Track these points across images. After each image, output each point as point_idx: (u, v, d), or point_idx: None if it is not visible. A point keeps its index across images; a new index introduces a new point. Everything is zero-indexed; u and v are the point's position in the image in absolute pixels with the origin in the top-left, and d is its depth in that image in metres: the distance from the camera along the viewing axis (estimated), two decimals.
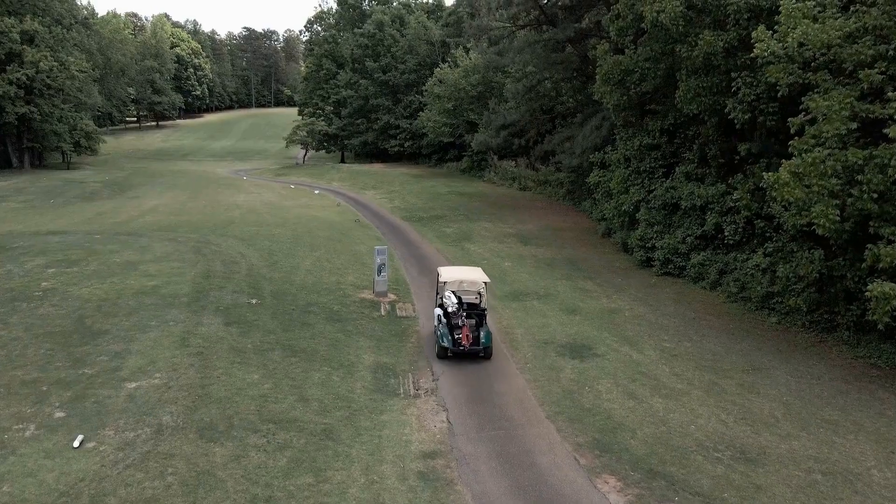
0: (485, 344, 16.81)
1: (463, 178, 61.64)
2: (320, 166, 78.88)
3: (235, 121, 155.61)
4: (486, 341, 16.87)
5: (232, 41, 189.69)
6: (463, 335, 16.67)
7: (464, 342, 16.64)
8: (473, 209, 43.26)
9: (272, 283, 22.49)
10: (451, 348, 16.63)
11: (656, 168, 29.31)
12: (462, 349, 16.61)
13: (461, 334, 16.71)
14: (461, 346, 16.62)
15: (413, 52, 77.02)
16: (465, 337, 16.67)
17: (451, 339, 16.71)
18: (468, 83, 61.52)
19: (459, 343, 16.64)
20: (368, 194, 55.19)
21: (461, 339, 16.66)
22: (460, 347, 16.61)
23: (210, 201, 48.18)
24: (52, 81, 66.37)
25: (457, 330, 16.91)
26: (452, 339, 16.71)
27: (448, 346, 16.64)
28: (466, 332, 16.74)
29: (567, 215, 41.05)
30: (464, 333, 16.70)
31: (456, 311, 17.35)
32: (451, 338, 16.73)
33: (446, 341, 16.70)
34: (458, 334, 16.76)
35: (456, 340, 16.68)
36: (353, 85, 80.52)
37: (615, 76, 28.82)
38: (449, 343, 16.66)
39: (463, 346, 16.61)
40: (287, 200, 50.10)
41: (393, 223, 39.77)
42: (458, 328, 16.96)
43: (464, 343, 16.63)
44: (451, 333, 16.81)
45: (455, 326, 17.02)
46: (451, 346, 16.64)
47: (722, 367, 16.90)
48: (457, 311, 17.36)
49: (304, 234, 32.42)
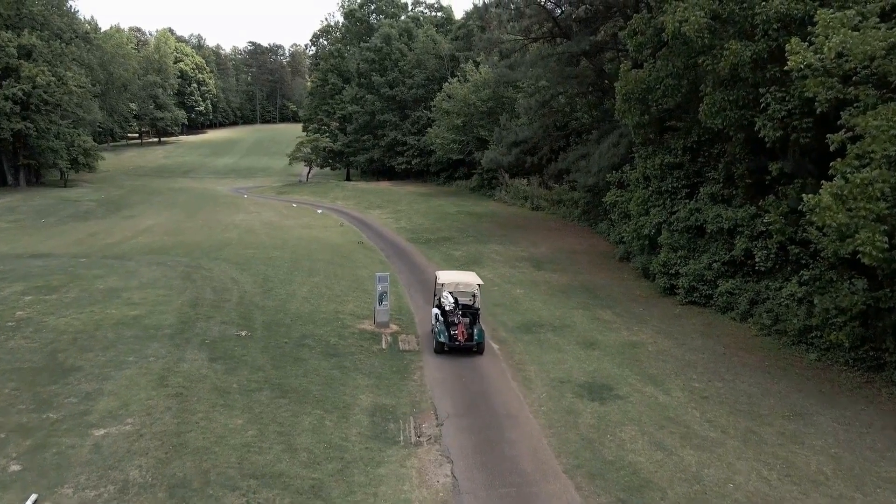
0: (478, 340, 19.00)
1: (473, 197, 60.70)
2: (324, 184, 78.30)
3: (239, 137, 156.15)
4: (479, 338, 19.08)
5: (237, 56, 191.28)
6: (459, 331, 18.88)
7: (459, 338, 18.83)
8: (483, 230, 42.21)
9: (265, 312, 21.42)
10: (448, 343, 18.81)
11: (679, 188, 28.20)
12: (458, 344, 18.82)
13: (457, 331, 18.92)
14: (457, 341, 18.83)
15: (421, 67, 76.61)
16: (461, 333, 18.85)
17: (448, 335, 18.92)
18: (478, 98, 60.84)
19: (456, 338, 18.85)
20: (373, 214, 54.33)
21: (457, 334, 18.87)
22: (456, 342, 18.82)
23: (207, 221, 47.44)
24: (49, 97, 66.33)
25: (453, 327, 19.09)
26: (449, 335, 18.92)
27: (445, 341, 18.83)
28: (462, 328, 18.95)
29: (582, 237, 39.90)
30: (459, 330, 18.91)
31: (453, 310, 19.60)
32: (448, 334, 18.95)
33: (443, 337, 18.90)
34: (455, 331, 18.96)
35: (452, 336, 18.88)
36: (358, 100, 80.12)
37: (636, 94, 27.86)
38: (446, 339, 18.86)
39: (458, 342, 18.82)
40: (288, 220, 49.28)
41: (398, 245, 38.76)
42: (454, 325, 19.14)
43: (459, 339, 18.83)
44: (448, 330, 19.03)
45: (452, 324, 19.22)
46: (447, 341, 18.83)
47: (759, 412, 15.61)
48: (453, 310, 19.61)
49: (302, 258, 31.42)
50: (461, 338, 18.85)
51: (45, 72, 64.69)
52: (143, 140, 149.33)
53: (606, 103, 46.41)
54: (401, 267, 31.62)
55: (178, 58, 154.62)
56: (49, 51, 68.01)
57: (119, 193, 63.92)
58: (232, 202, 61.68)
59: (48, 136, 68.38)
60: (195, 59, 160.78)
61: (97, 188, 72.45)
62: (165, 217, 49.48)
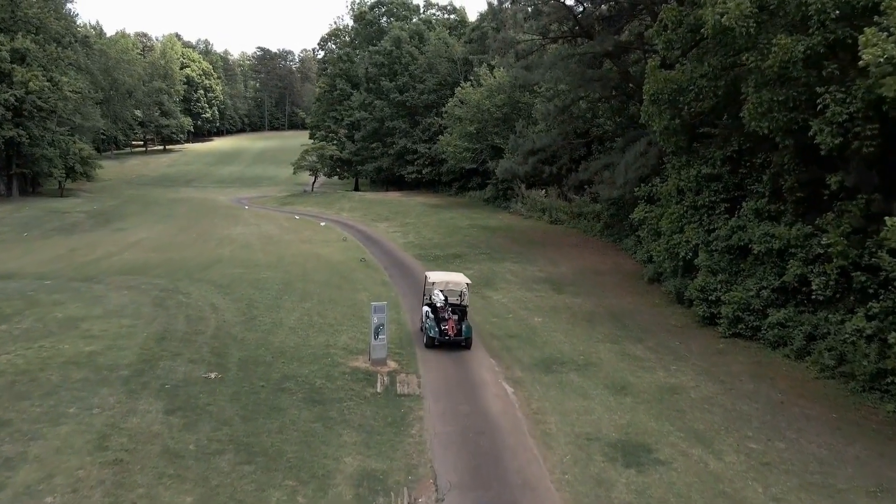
0: (466, 335, 20.42)
1: (486, 209, 58.24)
2: (330, 194, 76.21)
3: (246, 145, 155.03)
4: (467, 333, 20.53)
5: (245, 61, 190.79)
6: (449, 326, 20.20)
7: (450, 332, 20.14)
8: (497, 246, 39.71)
9: (243, 347, 19.02)
10: (438, 338, 20.14)
11: (717, 203, 25.59)
12: (447, 339, 20.14)
13: (447, 326, 20.23)
14: (447, 335, 20.14)
15: (433, 71, 74.48)
16: (451, 328, 20.17)
17: (438, 330, 20.22)
18: (492, 104, 58.52)
19: (445, 333, 20.15)
20: (380, 227, 52.05)
21: (447, 329, 20.16)
22: (446, 337, 20.14)
23: (202, 234, 45.39)
24: (43, 103, 64.87)
25: (443, 322, 20.37)
26: (440, 330, 20.21)
27: (435, 336, 20.17)
28: (451, 324, 20.28)
29: (606, 254, 37.28)
30: (450, 325, 20.24)
31: (443, 306, 20.85)
32: (438, 329, 20.26)
33: (434, 332, 20.22)
34: (445, 326, 20.25)
35: (443, 331, 20.18)
36: (367, 106, 78.09)
37: (666, 95, 25.41)
38: (436, 334, 20.18)
39: (448, 336, 20.14)
40: (288, 234, 47.10)
41: (404, 263, 36.35)
42: (444, 321, 20.42)
43: (449, 333, 20.13)
44: (438, 325, 20.35)
45: (442, 319, 20.49)
46: (437, 336, 20.15)
47: (836, 485, 12.92)
48: (444, 306, 20.87)
49: (296, 279, 29.08)
50: (451, 332, 20.17)
51: (39, 77, 63.26)
52: (147, 148, 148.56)
53: (631, 108, 43.87)
54: (405, 289, 29.18)
55: (184, 63, 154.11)
56: (44, 55, 66.67)
57: (113, 204, 62.15)
58: (231, 214, 59.68)
59: (42, 143, 66.91)
60: (202, 65, 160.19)
61: (93, 198, 70.84)
62: (158, 230, 47.47)
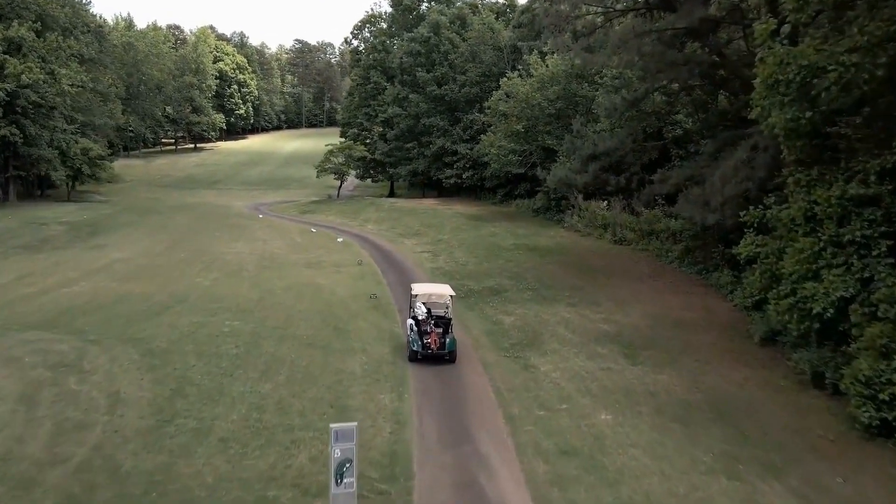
0: (449, 348, 20.29)
1: (535, 223, 50.57)
2: (357, 201, 69.45)
3: (280, 143, 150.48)
4: (451, 346, 20.36)
5: (283, 55, 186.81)
6: (431, 339, 20.12)
7: (432, 346, 20.04)
8: (548, 277, 32.14)
9: (122, 497, 12.03)
10: (421, 351, 20.01)
11: (875, 239, 17.68)
12: (430, 352, 20.02)
13: (430, 339, 20.13)
14: (429, 349, 20.02)
15: (476, 60, 67.02)
16: (434, 341, 20.09)
17: (420, 344, 20.11)
18: (544, 97, 50.90)
19: (428, 346, 20.03)
20: (407, 244, 45.02)
21: (430, 343, 20.06)
22: (428, 351, 20.01)
23: (192, 253, 39.11)
24: (39, 98, 59.95)
25: (426, 336, 20.31)
26: (422, 344, 20.10)
27: (418, 349, 20.04)
28: (434, 337, 20.19)
29: (690, 293, 29.30)
30: (432, 338, 20.15)
31: (425, 319, 21.07)
32: (420, 342, 20.14)
33: (417, 346, 20.12)
34: (427, 339, 20.16)
35: (425, 345, 20.07)
36: (401, 101, 71.08)
37: (791, 79, 17.80)
38: (419, 347, 20.07)
39: (431, 350, 20.02)
40: (294, 253, 40.47)
41: None
42: (427, 334, 20.38)
43: (432, 346, 20.03)
44: (421, 339, 20.23)
45: (424, 332, 20.48)
46: (420, 349, 20.03)
47: None
48: (426, 319, 21.08)
49: (271, 333, 22.14)
50: (433, 346, 19.95)
51: (34, 69, 58.24)
52: (177, 146, 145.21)
53: (721, 102, 35.90)
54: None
55: (217, 57, 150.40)
56: (43, 45, 61.80)
57: (108, 213, 56.70)
58: (239, 225, 53.50)
59: (39, 143, 61.99)
60: (236, 59, 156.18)
61: (95, 204, 65.86)
62: (142, 247, 41.43)
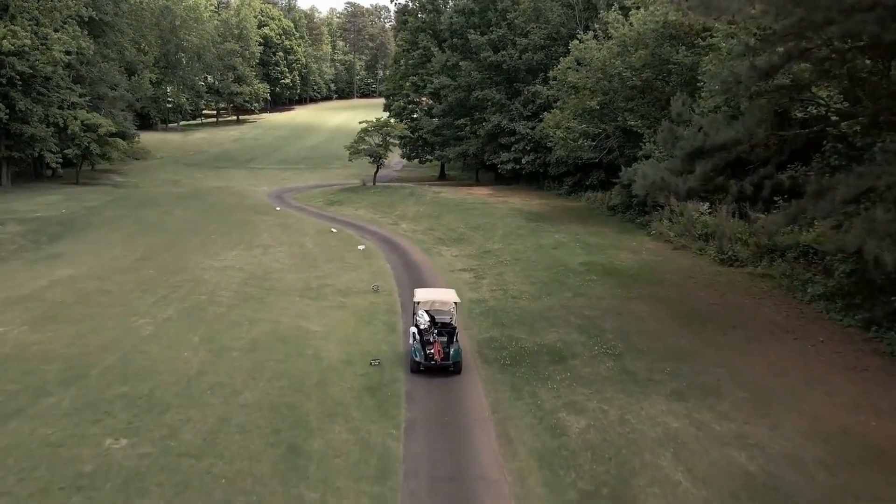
0: (454, 359, 19.68)
1: (611, 226, 40.55)
2: (395, 191, 60.10)
3: (328, 116, 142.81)
4: (456, 356, 19.76)
5: (334, 19, 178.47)
6: (435, 350, 19.60)
7: (435, 357, 19.54)
8: (635, 328, 22.48)
9: None
10: (424, 362, 19.58)
11: None
12: (433, 363, 19.56)
13: (433, 349, 19.62)
14: (433, 360, 19.56)
15: (540, 20, 56.58)
16: (437, 352, 19.57)
17: (423, 354, 19.64)
18: (625, 65, 40.54)
19: (431, 357, 19.56)
20: (446, 256, 35.93)
21: (433, 353, 19.57)
22: (431, 361, 19.55)
23: (163, 269, 31.00)
24: (28, 68, 52.95)
25: (428, 346, 19.80)
26: (425, 354, 19.63)
27: (420, 360, 19.61)
28: (438, 347, 19.65)
29: (862, 364, 19.14)
30: (436, 349, 19.62)
31: (428, 329, 20.52)
32: (423, 353, 19.66)
33: (419, 356, 19.67)
34: (430, 349, 19.65)
35: (428, 355, 19.61)
36: (450, 69, 61.39)
37: None
38: (421, 357, 19.62)
39: (434, 361, 19.55)
40: (295, 270, 31.91)
41: (465, 368, 20.08)
42: (429, 344, 19.85)
43: (435, 357, 19.54)
44: (424, 349, 19.74)
45: (427, 342, 19.94)
46: (423, 360, 19.58)
47: None
48: (428, 329, 20.53)
49: (167, 467, 13.38)
50: (437, 357, 19.50)
51: (19, 33, 51.10)
52: (219, 119, 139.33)
53: None
54: (439, 456, 12.88)
55: (262, 22, 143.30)
56: (35, 5, 54.68)
57: (96, 205, 49.27)
58: (247, 221, 45.28)
59: (31, 119, 55.21)
60: (282, 24, 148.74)
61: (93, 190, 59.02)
62: (107, 258, 33.59)
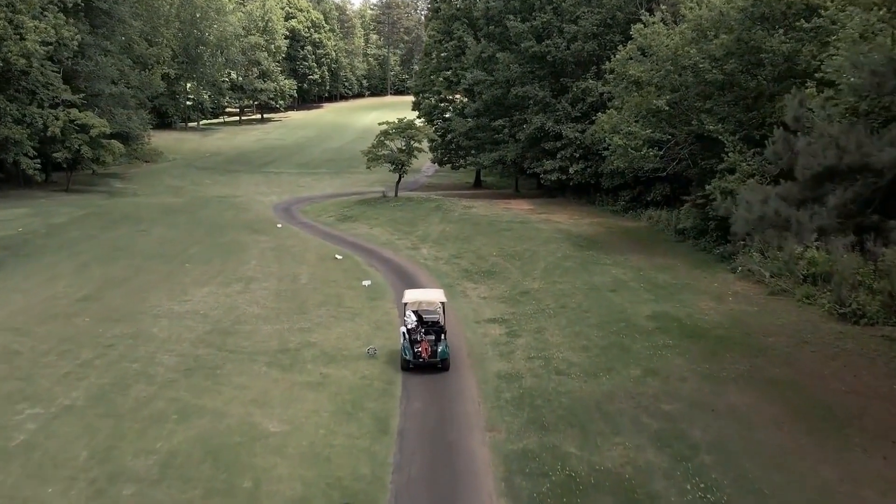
0: (442, 357, 20.83)
1: (682, 256, 32.72)
2: (418, 205, 52.59)
3: (358, 115, 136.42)
4: (444, 354, 20.89)
5: (367, 11, 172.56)
6: (422, 348, 20.70)
7: (423, 354, 20.62)
8: (736, 426, 15.01)
9: None
10: (412, 360, 20.63)
11: None
12: (421, 361, 20.64)
13: (421, 348, 20.72)
14: (421, 358, 20.62)
15: (593, 3, 48.94)
16: (425, 350, 20.65)
17: (412, 353, 20.69)
18: (702, 54, 32.78)
19: (419, 356, 20.62)
20: (472, 297, 28.85)
21: (420, 352, 20.64)
22: (420, 360, 20.62)
23: (105, 318, 24.55)
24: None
25: (417, 344, 20.90)
26: (413, 353, 20.67)
27: (409, 358, 20.65)
28: (425, 346, 20.78)
29: None
30: (423, 347, 20.73)
31: (415, 328, 21.63)
32: (412, 351, 20.71)
33: (408, 354, 20.72)
34: (418, 348, 20.75)
35: (416, 354, 20.66)
36: (485, 62, 53.99)
37: None
38: (410, 356, 20.66)
39: (422, 359, 20.62)
40: (274, 319, 25.18)
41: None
42: (417, 343, 20.98)
43: (423, 356, 20.61)
44: (412, 347, 20.82)
45: (415, 341, 21.07)
46: (411, 358, 20.61)
47: None
48: (416, 328, 21.64)
49: None
50: (425, 355, 20.44)
51: None
52: (242, 117, 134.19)
53: None
54: None
55: (289, 13, 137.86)
56: None
57: (63, 221, 42.97)
58: (237, 244, 38.63)
59: (4, 119, 49.58)
60: (311, 15, 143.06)
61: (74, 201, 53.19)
62: (38, 298, 27.22)
